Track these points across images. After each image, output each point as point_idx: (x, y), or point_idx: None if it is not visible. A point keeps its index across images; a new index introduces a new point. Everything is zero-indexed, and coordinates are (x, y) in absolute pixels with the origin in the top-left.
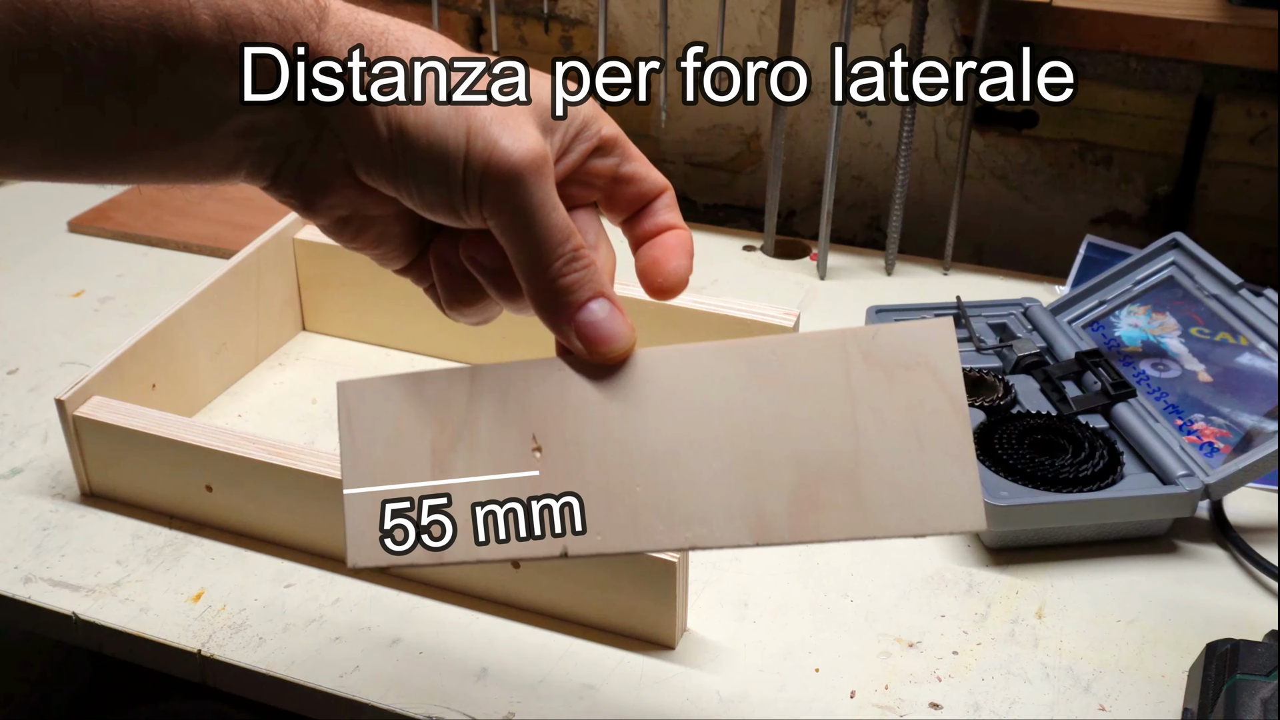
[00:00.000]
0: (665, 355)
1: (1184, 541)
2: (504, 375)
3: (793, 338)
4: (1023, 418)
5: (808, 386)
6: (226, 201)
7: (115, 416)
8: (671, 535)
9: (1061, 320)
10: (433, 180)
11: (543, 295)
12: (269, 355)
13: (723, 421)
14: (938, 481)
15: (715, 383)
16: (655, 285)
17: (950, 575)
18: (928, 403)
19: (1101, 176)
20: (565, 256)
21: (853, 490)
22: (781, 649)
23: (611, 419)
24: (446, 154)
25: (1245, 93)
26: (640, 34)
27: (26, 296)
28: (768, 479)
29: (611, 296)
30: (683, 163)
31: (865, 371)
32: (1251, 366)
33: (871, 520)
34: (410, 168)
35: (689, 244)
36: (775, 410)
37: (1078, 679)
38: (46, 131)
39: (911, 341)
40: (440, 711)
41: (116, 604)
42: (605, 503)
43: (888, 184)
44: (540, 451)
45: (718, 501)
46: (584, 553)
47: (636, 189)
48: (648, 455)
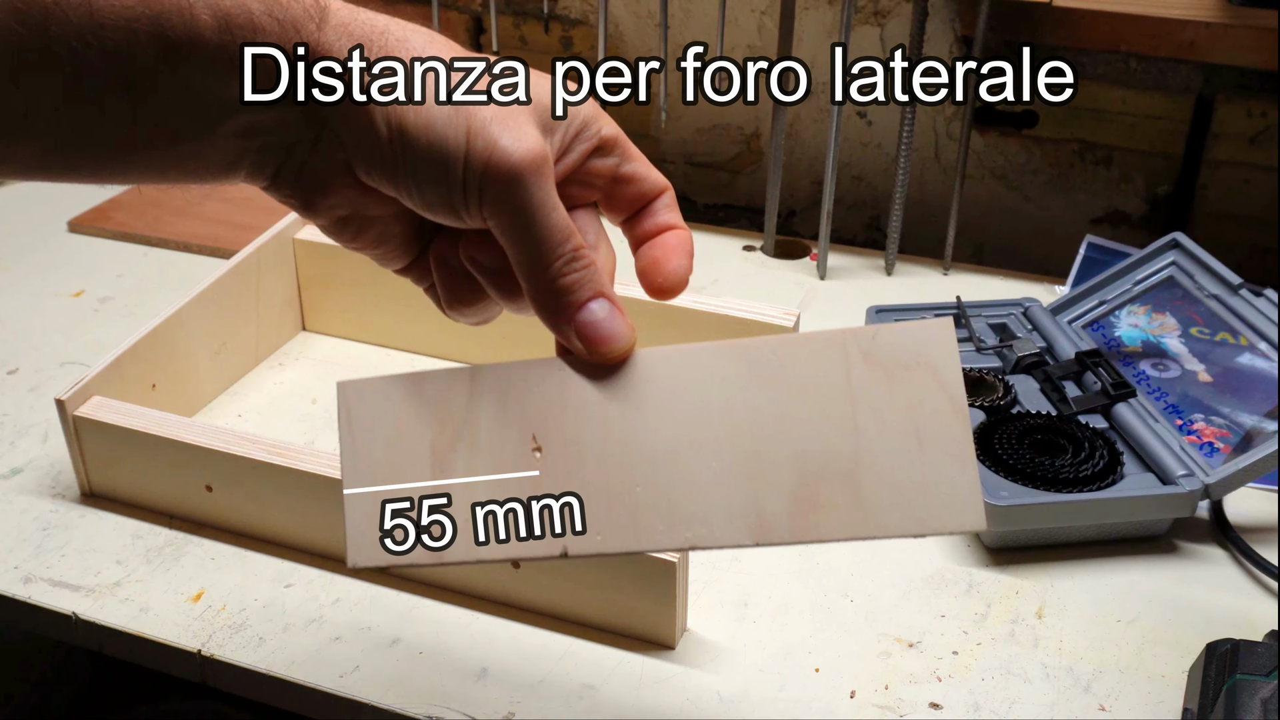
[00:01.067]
0: (665, 355)
1: (1184, 541)
2: (504, 375)
3: (793, 338)
4: (1023, 418)
5: (808, 386)
6: (226, 201)
7: (115, 416)
8: (671, 535)
9: (1061, 320)
10: (433, 180)
11: (543, 295)
12: (269, 355)
13: (723, 421)
14: (938, 481)
15: (715, 383)
16: (655, 285)
17: (950, 575)
18: (928, 403)
19: (1101, 176)
20: (565, 256)
21: (853, 490)
22: (781, 649)
23: (611, 419)
24: (446, 154)
25: (1245, 93)
26: (640, 34)
27: (26, 296)
28: (768, 479)
29: (611, 296)
30: (683, 163)
31: (865, 371)
32: (1251, 366)
33: (871, 520)
34: (410, 168)
35: (689, 244)
36: (775, 410)
37: (1078, 679)
38: (46, 131)
39: (911, 341)
40: (440, 711)
41: (116, 604)
42: (605, 503)
43: (888, 184)
44: (540, 451)
45: (717, 501)
46: (584, 553)
47: (636, 189)
48: (648, 455)
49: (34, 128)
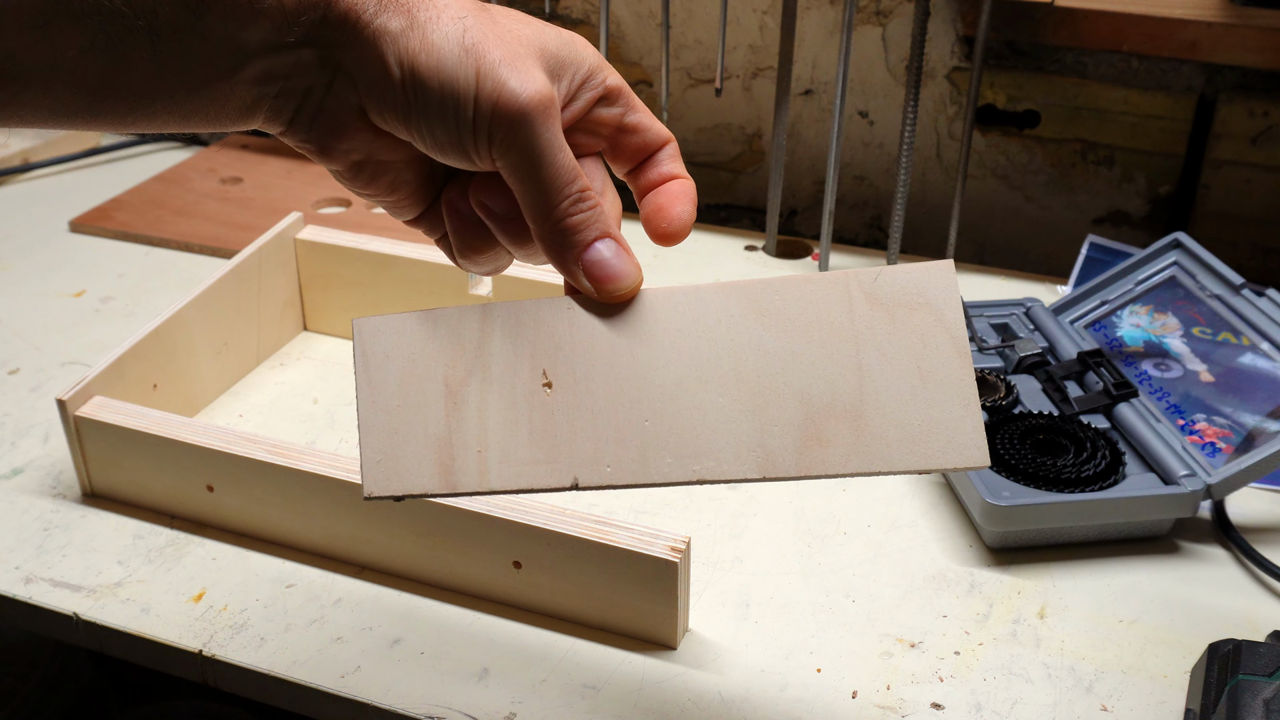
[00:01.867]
0: (672, 295)
1: (1186, 542)
2: (515, 312)
3: (796, 279)
4: (1025, 418)
5: (812, 326)
6: (227, 202)
7: (116, 416)
8: (680, 469)
9: (1063, 320)
10: (444, 120)
11: (551, 235)
12: (270, 355)
13: (729, 359)
14: (941, 420)
15: (721, 322)
16: (659, 231)
17: (952, 575)
18: (930, 342)
19: (1103, 176)
20: (572, 197)
21: (858, 427)
22: (783, 649)
23: (620, 356)
24: (457, 94)
25: (1247, 93)
26: (641, 33)
27: (28, 296)
28: (774, 415)
29: (618, 237)
30: (684, 162)
31: (868, 311)
32: (1254, 367)
33: (876, 455)
34: (422, 108)
35: (693, 192)
36: (781, 349)
37: (1079, 679)
38: (72, 80)
39: (914, 282)
40: (441, 712)
41: (117, 604)
42: (615, 437)
43: (889, 184)
44: (551, 386)
45: (725, 436)
46: (594, 484)
47: (641, 139)
48: (656, 391)
49: (60, 77)
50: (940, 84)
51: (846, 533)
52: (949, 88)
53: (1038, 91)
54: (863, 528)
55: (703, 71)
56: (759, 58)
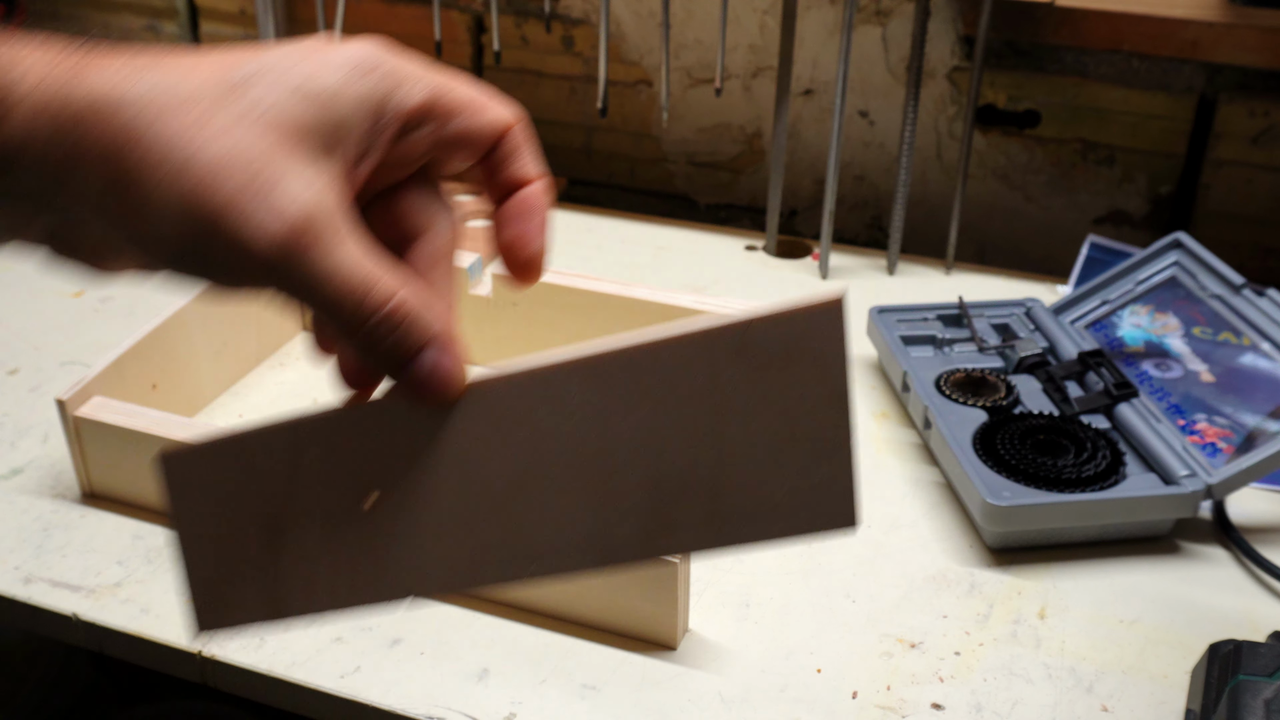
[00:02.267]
0: (504, 383)
1: (1186, 542)
2: (330, 425)
3: (654, 345)
4: (1025, 418)
5: (667, 399)
6: None
7: (116, 417)
8: (515, 569)
9: (1064, 320)
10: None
11: (367, 357)
12: (270, 355)
13: (570, 450)
14: (808, 485)
15: (561, 409)
16: (520, 261)
17: (952, 575)
18: (806, 398)
19: (1104, 176)
20: (372, 318)
21: (712, 504)
22: (783, 649)
23: (446, 460)
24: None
25: (1248, 92)
26: (642, 33)
27: (27, 296)
28: (618, 505)
29: (440, 333)
30: (684, 162)
31: (734, 371)
32: (1254, 367)
33: (731, 532)
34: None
35: (546, 200)
36: (628, 431)
37: (1080, 679)
38: None
39: (790, 332)
40: (441, 712)
41: (117, 604)
42: (444, 546)
43: (890, 184)
44: (372, 502)
45: (565, 534)
46: (428, 594)
47: (469, 147)
48: (487, 494)
49: None
50: (940, 84)
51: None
52: (949, 87)
53: (1038, 91)
54: (863, 528)
55: (703, 71)
56: (759, 57)
